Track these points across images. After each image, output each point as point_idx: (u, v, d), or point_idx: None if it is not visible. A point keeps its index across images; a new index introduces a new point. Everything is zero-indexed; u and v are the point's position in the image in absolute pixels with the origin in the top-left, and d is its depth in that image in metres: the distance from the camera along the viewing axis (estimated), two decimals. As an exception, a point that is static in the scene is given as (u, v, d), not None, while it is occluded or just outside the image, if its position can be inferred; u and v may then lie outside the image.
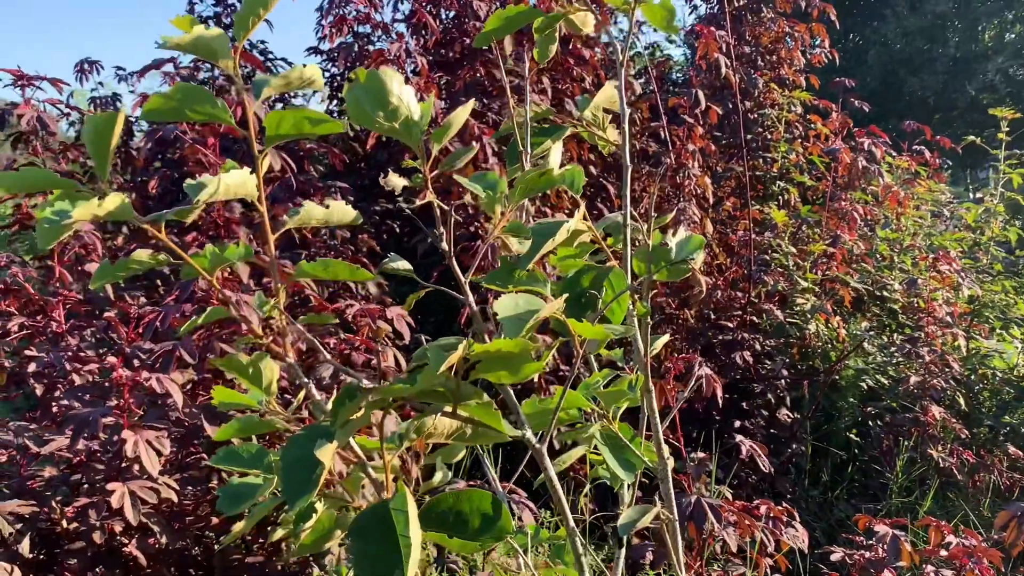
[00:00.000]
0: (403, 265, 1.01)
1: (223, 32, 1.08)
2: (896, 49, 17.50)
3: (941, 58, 17.82)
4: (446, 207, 0.92)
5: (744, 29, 5.84)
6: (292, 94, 4.79)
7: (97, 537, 2.31)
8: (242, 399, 1.21)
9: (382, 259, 3.70)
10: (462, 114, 0.95)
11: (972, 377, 4.91)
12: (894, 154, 5.99)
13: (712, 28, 4.94)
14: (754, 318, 4.67)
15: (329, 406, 1.19)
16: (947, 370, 4.50)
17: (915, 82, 17.14)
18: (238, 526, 1.12)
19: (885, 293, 5.14)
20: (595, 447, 1.37)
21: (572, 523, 1.12)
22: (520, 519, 2.38)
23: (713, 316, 4.71)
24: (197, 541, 2.75)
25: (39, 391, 2.71)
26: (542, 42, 1.42)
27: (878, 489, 4.39)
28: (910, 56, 17.44)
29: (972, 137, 6.00)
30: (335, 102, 5.47)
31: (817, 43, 6.30)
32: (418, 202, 0.91)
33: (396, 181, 0.93)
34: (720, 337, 4.55)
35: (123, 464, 2.37)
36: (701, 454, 2.91)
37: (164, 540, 2.41)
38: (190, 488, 2.60)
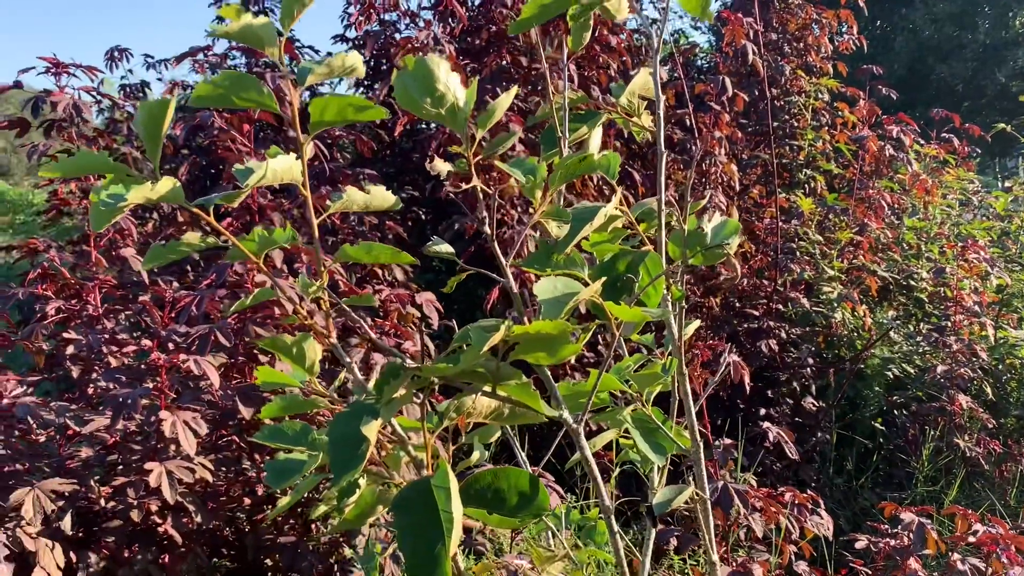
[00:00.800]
0: (446, 248, 1.04)
1: (269, 20, 1.10)
2: (924, 36, 17.28)
3: (970, 45, 17.57)
4: (489, 191, 0.95)
5: (771, 16, 5.81)
6: (321, 82, 4.83)
7: (135, 515, 2.37)
8: (284, 378, 1.24)
9: (408, 245, 3.74)
10: (505, 101, 0.97)
11: (1000, 367, 4.88)
12: (922, 142, 5.94)
13: (739, 15, 4.91)
14: (780, 306, 4.66)
15: (371, 385, 1.22)
16: (974, 359, 4.48)
17: (944, 69, 16.92)
18: (283, 500, 1.16)
19: (912, 282, 5.11)
20: (625, 431, 1.39)
21: (607, 502, 1.15)
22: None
23: (738, 304, 4.71)
24: (229, 522, 2.81)
25: (76, 373, 2.77)
26: (576, 29, 1.43)
27: (903, 478, 4.38)
28: (939, 43, 17.20)
29: (1002, 125, 5.94)
30: (361, 89, 5.49)
31: (844, 29, 6.25)
32: (464, 186, 0.94)
33: (441, 166, 0.95)
34: (745, 325, 4.55)
35: (159, 445, 2.42)
36: (727, 440, 2.92)
37: (198, 519, 2.47)
38: (223, 469, 2.65)
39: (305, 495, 2.12)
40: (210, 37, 4.26)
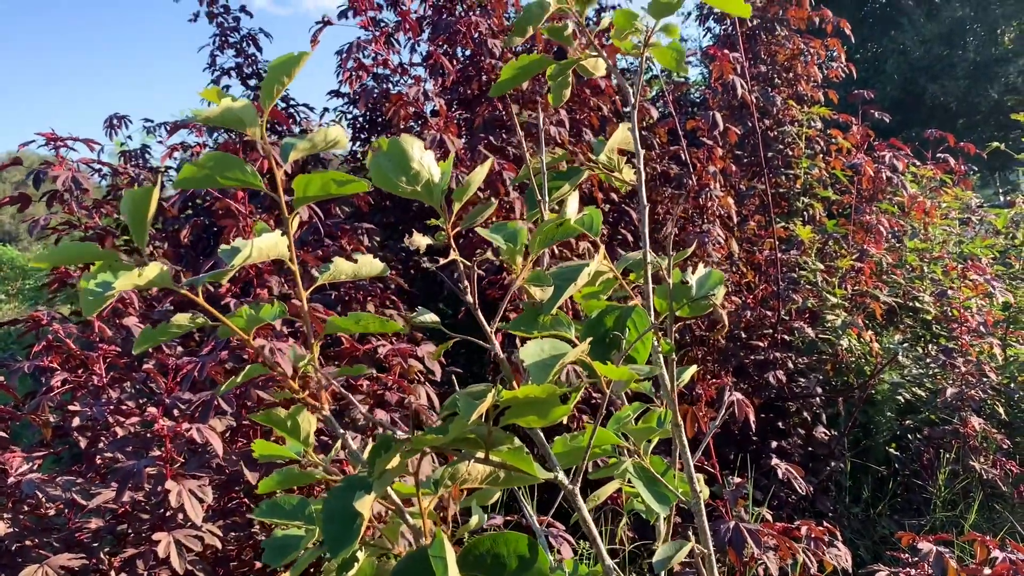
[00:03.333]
0: (431, 318, 1.05)
1: (248, 103, 1.12)
2: (915, 57, 17.42)
3: (961, 63, 17.69)
4: (468, 263, 0.96)
5: (759, 48, 5.88)
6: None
7: (145, 587, 2.35)
8: (281, 451, 1.25)
9: (410, 295, 3.72)
10: (480, 173, 0.99)
11: (1012, 385, 4.84)
12: (918, 164, 5.96)
13: (726, 50, 4.97)
14: (785, 336, 4.65)
15: (366, 455, 1.22)
16: (984, 380, 4.45)
17: (936, 89, 17.03)
18: (283, 577, 1.15)
19: (917, 304, 5.09)
20: (629, 480, 1.39)
21: (608, 560, 1.14)
22: (559, 553, 2.39)
23: (744, 336, 4.69)
24: (241, 586, 2.79)
25: (83, 444, 2.77)
26: (556, 88, 1.46)
27: (921, 504, 4.33)
28: (929, 63, 17.34)
29: (996, 144, 5.95)
30: (358, 143, 5.56)
31: (833, 57, 6.31)
32: (442, 261, 0.95)
33: (420, 240, 0.96)
34: (752, 357, 4.54)
35: (167, 513, 2.41)
36: (738, 478, 2.90)
37: (209, 587, 2.45)
38: (232, 534, 2.64)
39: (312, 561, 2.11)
40: (194, 121, 4.33)
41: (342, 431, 1.13)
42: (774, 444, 4.32)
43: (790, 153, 5.74)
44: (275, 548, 1.09)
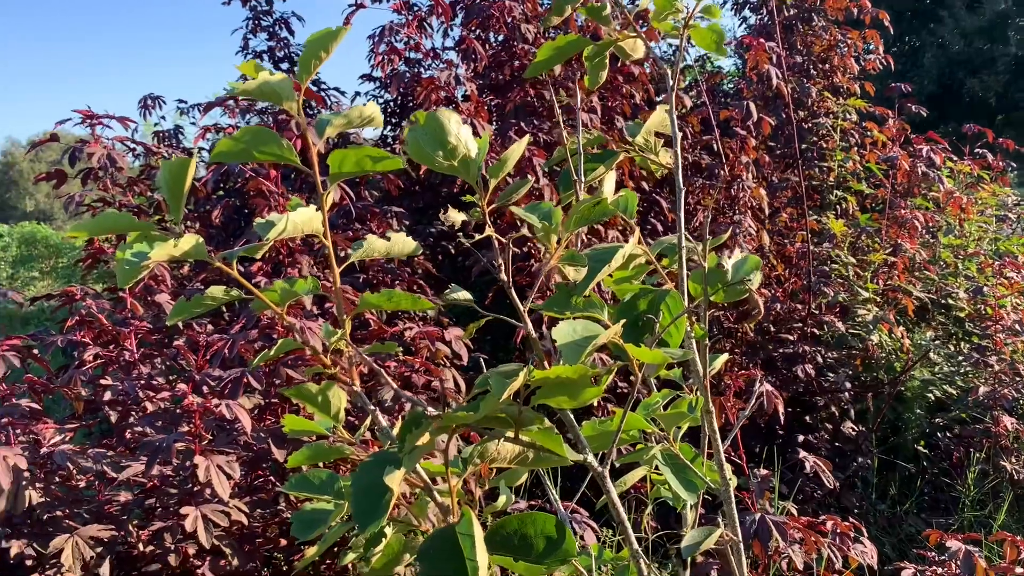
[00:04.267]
0: (464, 296, 1.04)
1: (286, 76, 1.12)
2: (954, 51, 17.11)
3: (1002, 57, 17.35)
4: (504, 240, 0.95)
5: (795, 38, 5.80)
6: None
7: (172, 560, 2.38)
8: (311, 426, 1.25)
9: (438, 280, 3.74)
10: (517, 149, 0.98)
11: (1046, 385, 4.76)
12: (955, 159, 5.87)
13: (762, 40, 4.91)
14: (815, 330, 4.60)
15: (395, 432, 1.22)
16: (1018, 379, 4.37)
17: (975, 83, 16.73)
18: (310, 551, 1.16)
19: (950, 301, 5.02)
20: (656, 467, 1.38)
21: (636, 545, 1.14)
22: (582, 539, 2.39)
23: (773, 329, 4.65)
24: (266, 562, 2.81)
25: (114, 418, 2.81)
26: (592, 69, 1.45)
27: (949, 503, 4.28)
28: (969, 57, 17.03)
29: (1036, 139, 5.83)
30: (389, 127, 5.56)
31: (870, 49, 6.21)
32: (478, 236, 0.94)
33: (455, 216, 0.96)
34: (781, 350, 4.50)
35: (195, 488, 2.44)
36: (764, 471, 2.88)
37: (235, 562, 2.48)
38: (258, 511, 2.66)
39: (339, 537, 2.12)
40: (230, 94, 4.35)
41: (372, 407, 1.13)
42: (800, 438, 4.28)
43: (824, 145, 5.67)
44: (304, 521, 1.09)
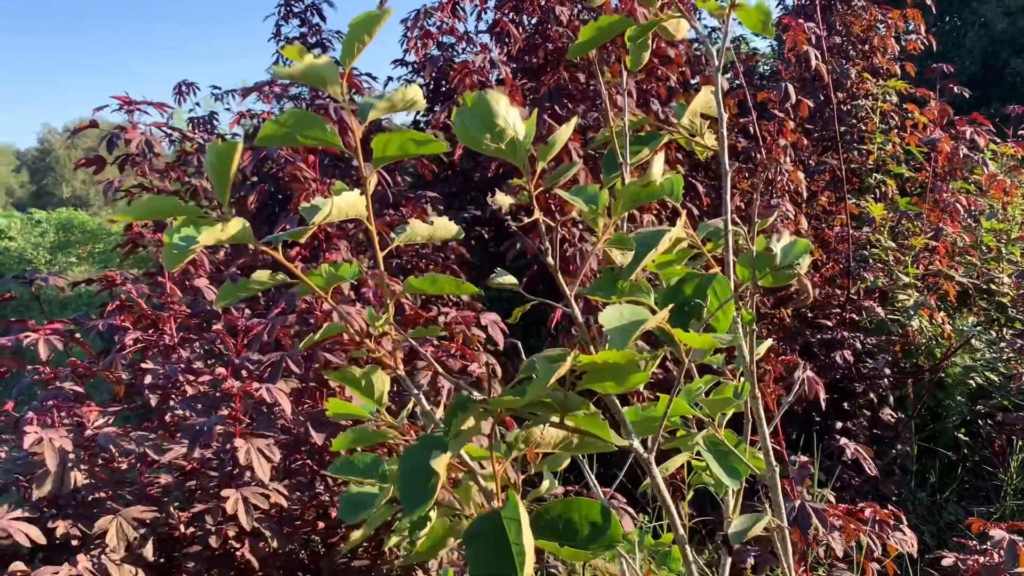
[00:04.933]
0: (509, 280, 1.03)
1: (331, 60, 1.12)
2: (997, 30, 16.70)
3: (1046, 36, 16.90)
4: (552, 223, 0.94)
5: (834, 18, 5.69)
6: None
7: (213, 541, 2.41)
8: (354, 410, 1.25)
9: (471, 265, 3.73)
10: (565, 132, 0.97)
11: (1091, 372, 4.66)
12: (998, 141, 5.74)
13: (800, 20, 4.83)
14: (853, 316, 4.54)
15: (439, 415, 1.22)
16: (1063, 366, 4.29)
17: (1019, 63, 16.33)
18: (356, 533, 1.16)
19: (992, 286, 4.92)
20: (698, 452, 1.36)
21: (682, 531, 1.13)
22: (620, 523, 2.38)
23: (810, 315, 4.60)
24: (304, 545, 2.85)
25: (154, 401, 2.85)
26: (635, 50, 1.42)
27: (990, 491, 4.21)
28: (1013, 36, 16.61)
29: (1083, 119, 5.69)
30: (421, 112, 5.56)
31: (911, 29, 6.08)
32: (526, 220, 0.93)
33: (503, 199, 0.95)
34: (818, 336, 4.44)
35: (235, 471, 2.47)
36: (803, 457, 2.85)
37: (274, 544, 2.51)
38: (296, 493, 2.69)
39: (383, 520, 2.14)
40: (273, 79, 4.36)
41: (416, 391, 1.13)
42: (839, 425, 4.24)
43: (863, 128, 5.57)
44: (350, 504, 1.10)
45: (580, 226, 3.86)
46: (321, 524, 2.77)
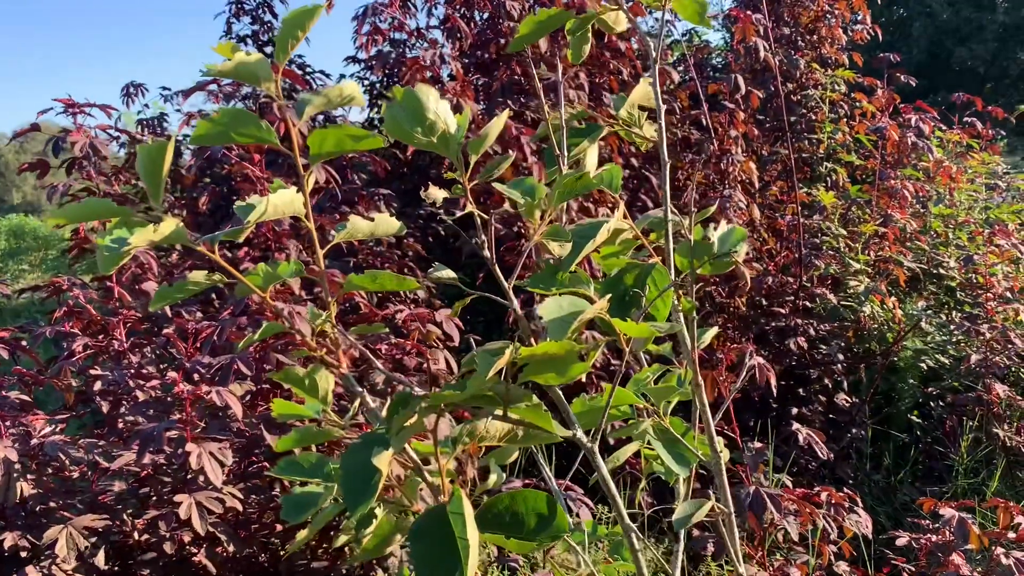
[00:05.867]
0: (448, 274, 1.03)
1: (263, 57, 1.11)
2: (942, 19, 17.05)
3: (990, 26, 17.30)
4: (485, 216, 0.94)
5: (782, 10, 5.76)
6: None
7: (168, 547, 2.38)
8: (299, 410, 1.24)
9: (428, 262, 3.74)
10: (497, 124, 0.97)
11: (1037, 351, 4.78)
12: (944, 128, 5.86)
13: (748, 12, 4.88)
14: (807, 303, 4.61)
15: (383, 413, 1.22)
16: (1009, 346, 4.39)
17: (964, 52, 16.69)
18: (302, 534, 1.15)
19: (941, 271, 5.03)
20: (648, 442, 1.38)
21: (627, 520, 1.13)
22: (577, 515, 2.39)
23: (765, 303, 4.66)
24: (263, 548, 2.82)
25: (105, 408, 2.80)
26: (575, 43, 1.43)
27: (943, 471, 4.30)
28: (957, 26, 16.98)
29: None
30: (375, 110, 5.53)
31: (859, 19, 6.18)
32: (458, 213, 0.93)
33: (436, 193, 0.95)
34: (773, 324, 4.50)
35: (188, 476, 2.43)
36: (758, 444, 2.89)
37: (231, 548, 2.48)
38: (253, 496, 2.66)
39: (333, 520, 2.12)
40: (206, 76, 4.30)
41: (360, 389, 1.12)
42: (794, 411, 4.30)
43: (813, 118, 5.65)
44: (294, 504, 1.09)
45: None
46: (280, 527, 2.74)
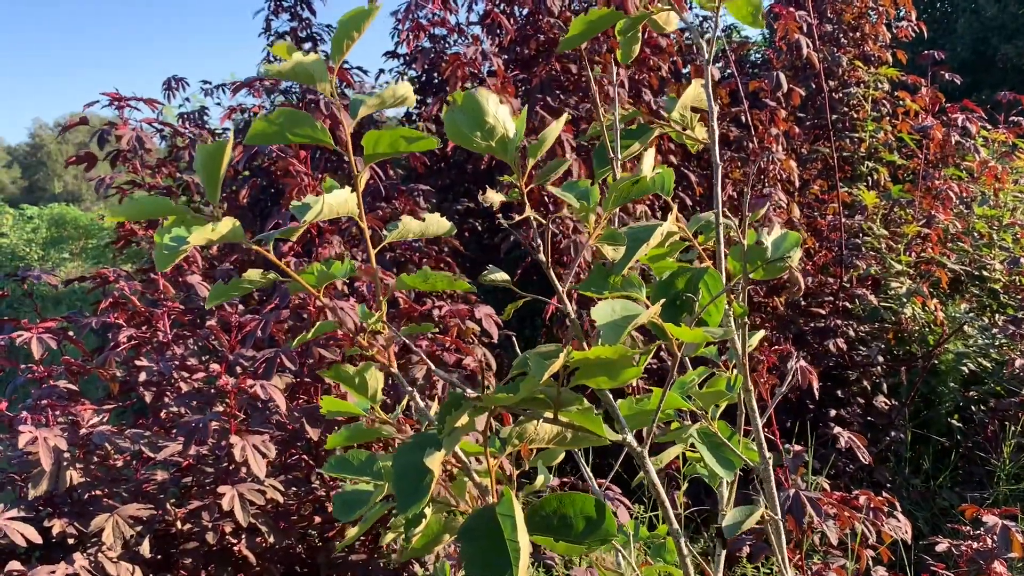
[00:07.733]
0: (502, 276, 1.03)
1: (319, 58, 1.11)
2: (988, 16, 16.70)
3: (1037, 22, 16.90)
4: (543, 220, 0.94)
5: (825, 6, 5.69)
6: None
7: (210, 537, 2.42)
8: (348, 407, 1.25)
9: (464, 258, 3.73)
10: (555, 129, 0.97)
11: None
12: (989, 127, 5.74)
13: (791, 8, 4.82)
14: (846, 303, 4.55)
15: (432, 412, 1.22)
16: (1055, 351, 4.30)
17: (1009, 49, 16.33)
18: (351, 531, 1.16)
19: (985, 273, 4.94)
20: (692, 444, 1.37)
21: (676, 525, 1.13)
22: (615, 516, 2.39)
23: (803, 303, 4.61)
24: (301, 539, 2.85)
25: (148, 399, 2.85)
26: (625, 43, 1.42)
27: (984, 477, 4.23)
28: (1003, 22, 16.61)
29: (1075, 105, 5.70)
30: (414, 105, 5.54)
31: (902, 15, 6.08)
32: (517, 217, 0.93)
33: (494, 197, 0.95)
34: (812, 324, 4.46)
35: (231, 467, 2.47)
36: (797, 446, 2.86)
37: (271, 539, 2.51)
38: (293, 489, 2.69)
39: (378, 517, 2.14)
40: (262, 77, 4.34)
41: (409, 388, 1.13)
42: (833, 413, 4.25)
43: (855, 116, 5.57)
44: (345, 502, 1.10)
45: (573, 217, 3.86)
46: (318, 519, 2.77)
